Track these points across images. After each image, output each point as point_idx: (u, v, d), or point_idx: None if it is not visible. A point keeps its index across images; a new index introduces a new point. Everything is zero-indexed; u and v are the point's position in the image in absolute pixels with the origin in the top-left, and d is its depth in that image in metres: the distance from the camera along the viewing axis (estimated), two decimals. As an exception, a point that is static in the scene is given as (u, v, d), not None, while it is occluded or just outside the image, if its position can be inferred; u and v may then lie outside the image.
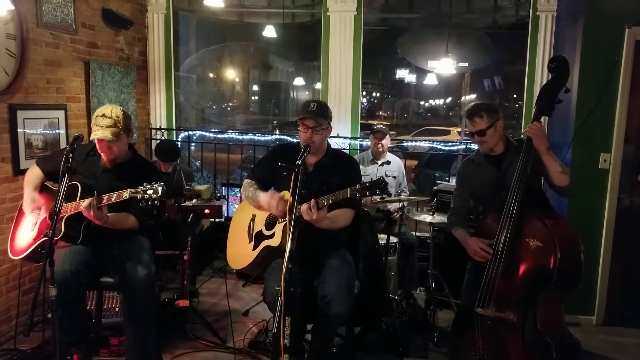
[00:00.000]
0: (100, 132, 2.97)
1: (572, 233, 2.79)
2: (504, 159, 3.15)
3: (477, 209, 3.47)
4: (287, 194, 2.92)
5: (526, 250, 2.78)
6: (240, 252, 3.30)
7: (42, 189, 3.26)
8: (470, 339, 3.01)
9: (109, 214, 2.97)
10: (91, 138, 3.04)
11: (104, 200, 2.90)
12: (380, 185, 2.72)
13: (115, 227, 3.07)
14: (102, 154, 3.12)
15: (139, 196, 2.79)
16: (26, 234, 3.20)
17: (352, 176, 3.10)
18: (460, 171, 3.47)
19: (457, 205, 3.42)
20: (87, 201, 2.88)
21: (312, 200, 2.82)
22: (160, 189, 2.79)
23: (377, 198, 4.22)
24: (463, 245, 3.17)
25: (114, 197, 2.89)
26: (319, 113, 3.11)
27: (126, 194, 2.84)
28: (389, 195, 3.11)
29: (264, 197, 3.13)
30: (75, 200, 2.98)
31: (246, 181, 3.38)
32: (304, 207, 2.82)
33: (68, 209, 2.98)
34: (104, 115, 3.01)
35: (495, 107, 3.20)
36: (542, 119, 3.02)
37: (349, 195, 2.79)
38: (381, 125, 4.89)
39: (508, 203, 2.85)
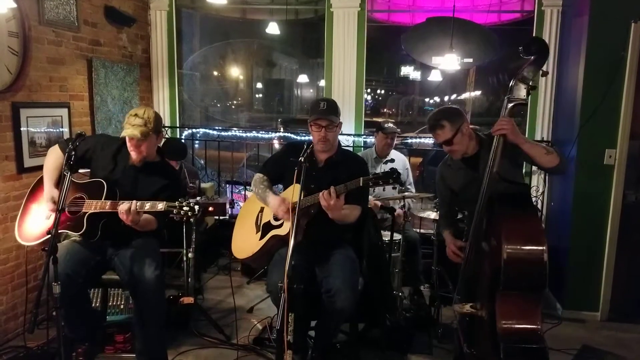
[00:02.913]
0: (130, 130, 3.04)
1: (533, 235, 2.54)
2: (480, 158, 2.94)
3: (463, 214, 3.40)
4: (297, 193, 2.94)
5: (490, 249, 2.70)
6: (246, 241, 3.34)
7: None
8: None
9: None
10: (121, 135, 3.10)
11: (136, 206, 2.90)
12: (392, 175, 2.76)
13: (142, 229, 3.08)
14: (131, 152, 3.16)
15: (175, 210, 2.85)
16: (40, 222, 3.18)
17: (360, 173, 3.12)
18: (438, 177, 3.32)
19: (443, 210, 3.41)
20: (126, 205, 2.89)
21: (332, 187, 2.86)
22: (197, 208, 2.85)
23: (379, 204, 4.25)
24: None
25: (147, 206, 2.91)
26: (330, 111, 3.16)
27: (161, 205, 2.88)
28: (402, 185, 3.12)
29: (273, 201, 3.18)
30: (100, 199, 3.00)
31: (258, 175, 3.42)
32: (323, 193, 2.87)
33: (92, 206, 3.00)
34: (136, 115, 3.08)
35: (457, 111, 3.01)
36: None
37: (361, 184, 2.84)
38: (391, 124, 4.78)
39: (479, 201, 2.74)
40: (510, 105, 2.68)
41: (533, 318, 2.56)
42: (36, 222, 3.21)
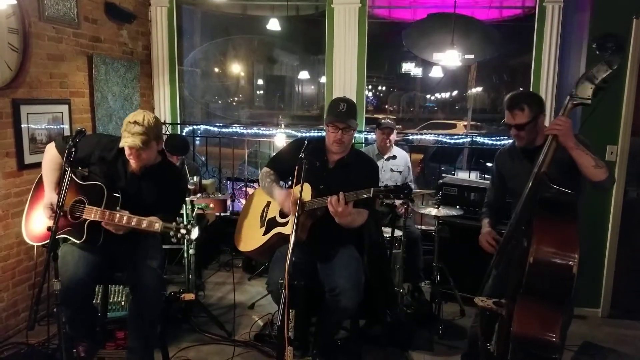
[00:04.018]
0: (130, 139, 2.86)
1: (565, 244, 2.42)
2: (539, 152, 2.79)
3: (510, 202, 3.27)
4: (305, 192, 2.93)
5: (520, 250, 2.65)
6: (249, 235, 3.33)
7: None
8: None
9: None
10: (120, 145, 2.93)
11: (133, 223, 2.83)
12: (404, 190, 2.73)
13: (142, 232, 3.02)
14: (131, 161, 3.02)
15: (171, 233, 2.77)
16: (45, 223, 3.10)
17: (371, 176, 3.13)
18: (495, 160, 3.26)
19: (489, 198, 3.31)
20: (122, 228, 2.86)
21: (341, 193, 2.84)
22: (194, 231, 2.78)
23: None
24: None
25: (144, 224, 2.82)
26: (349, 114, 3.14)
27: (158, 226, 2.79)
28: (412, 202, 3.09)
29: (279, 194, 3.17)
30: (101, 207, 2.91)
31: (265, 169, 3.41)
32: (331, 199, 2.84)
33: (92, 213, 2.92)
34: (135, 123, 2.88)
35: (540, 99, 2.93)
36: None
37: (371, 195, 2.81)
38: (388, 120, 4.80)
39: (520, 200, 2.72)
40: (572, 104, 2.56)
41: (550, 327, 2.46)
42: (42, 221, 3.18)
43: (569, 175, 2.74)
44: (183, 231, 2.78)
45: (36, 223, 3.18)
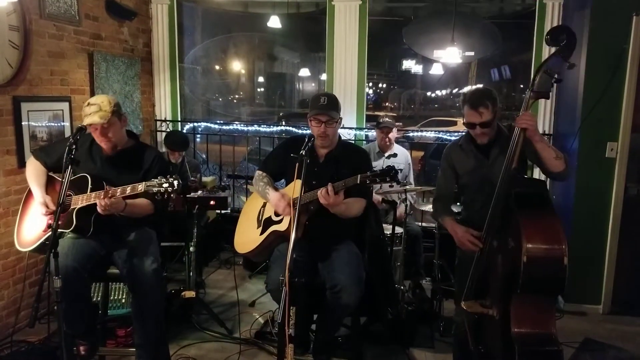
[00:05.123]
0: (88, 118, 2.92)
1: (554, 238, 2.45)
2: (493, 147, 2.93)
3: (460, 198, 3.31)
4: (298, 189, 2.93)
5: (505, 249, 2.63)
6: (247, 236, 3.33)
7: (48, 180, 3.23)
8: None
9: (127, 201, 2.94)
10: (82, 124, 2.92)
11: (118, 193, 2.86)
12: (389, 173, 2.74)
13: (132, 214, 3.03)
14: (100, 144, 3.07)
15: (155, 189, 2.76)
16: (34, 225, 3.18)
17: (362, 166, 3.10)
18: (446, 155, 3.21)
19: (442, 192, 3.25)
20: (103, 202, 2.83)
21: (330, 184, 2.84)
22: (176, 183, 2.76)
23: (379, 196, 4.23)
24: (451, 234, 3.03)
25: (128, 190, 2.84)
26: (330, 106, 3.14)
27: (141, 187, 2.80)
28: (398, 183, 3.08)
29: (272, 196, 3.16)
30: (86, 192, 2.95)
31: (258, 173, 3.40)
32: (321, 190, 2.85)
33: (79, 200, 2.96)
34: (88, 104, 2.98)
35: (496, 95, 2.97)
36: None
37: (358, 182, 2.80)
38: (387, 119, 4.80)
39: (494, 197, 2.67)
40: (532, 97, 2.60)
41: (548, 322, 2.53)
42: (31, 227, 3.20)
43: (521, 167, 2.80)
44: (165, 185, 2.75)
45: (25, 230, 3.23)
